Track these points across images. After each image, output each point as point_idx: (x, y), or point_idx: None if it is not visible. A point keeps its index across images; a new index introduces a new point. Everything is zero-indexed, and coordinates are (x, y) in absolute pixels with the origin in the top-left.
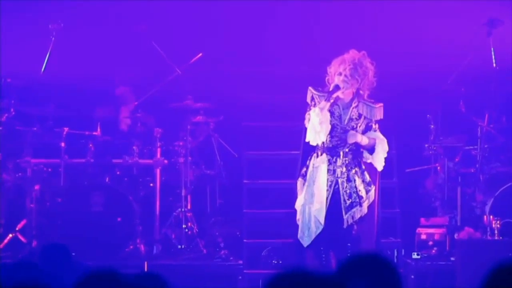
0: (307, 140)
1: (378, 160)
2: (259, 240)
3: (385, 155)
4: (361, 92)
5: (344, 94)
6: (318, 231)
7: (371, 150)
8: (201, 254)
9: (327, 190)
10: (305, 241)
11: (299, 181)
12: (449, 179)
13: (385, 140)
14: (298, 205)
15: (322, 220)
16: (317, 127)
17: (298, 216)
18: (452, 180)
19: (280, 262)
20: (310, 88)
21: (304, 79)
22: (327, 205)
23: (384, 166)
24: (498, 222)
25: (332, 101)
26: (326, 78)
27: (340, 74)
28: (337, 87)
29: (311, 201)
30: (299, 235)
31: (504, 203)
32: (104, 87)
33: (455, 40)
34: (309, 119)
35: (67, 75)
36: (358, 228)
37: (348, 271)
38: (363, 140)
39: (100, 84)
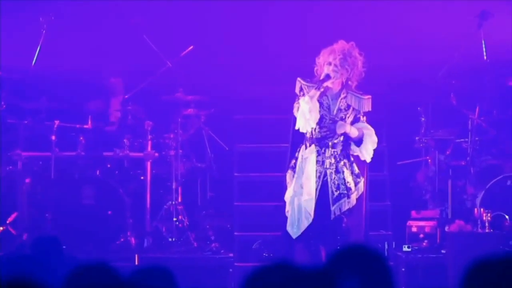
0: (296, 127)
1: (367, 152)
2: (250, 233)
3: (374, 146)
4: (350, 82)
5: (333, 84)
6: (308, 223)
7: (359, 142)
8: (191, 247)
9: (316, 181)
10: (294, 233)
11: (289, 173)
12: (440, 172)
13: (373, 131)
14: (288, 197)
15: (311, 211)
16: (306, 115)
17: (287, 208)
18: (443, 173)
19: (271, 255)
20: (298, 79)
21: (295, 71)
22: (316, 197)
23: (374, 159)
24: (488, 215)
25: (322, 90)
26: (315, 68)
27: (330, 63)
28: (327, 77)
29: (301, 192)
30: (288, 227)
31: (494, 196)
32: (95, 80)
33: (445, 32)
34: (298, 108)
35: (58, 68)
36: (347, 220)
37: (338, 264)
38: (352, 131)
39: (92, 77)
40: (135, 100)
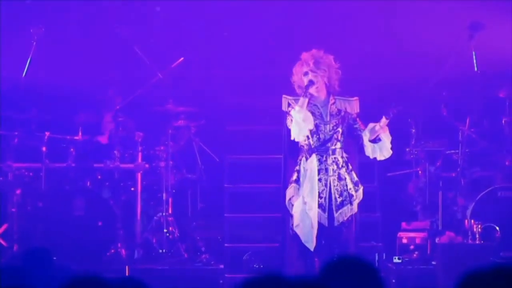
0: (292, 137)
1: (386, 147)
2: (240, 244)
3: (390, 139)
4: (332, 84)
5: (318, 92)
6: (316, 233)
7: (378, 139)
8: (182, 258)
9: (323, 189)
10: (311, 245)
11: (292, 187)
12: (430, 183)
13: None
14: (296, 211)
15: (316, 221)
16: (300, 124)
17: (297, 222)
18: (434, 184)
19: (261, 266)
20: (284, 96)
21: (286, 83)
22: (323, 206)
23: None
24: (479, 226)
25: (309, 96)
26: (296, 87)
27: (307, 73)
28: (310, 82)
29: (310, 205)
30: (304, 239)
31: (485, 207)
32: (86, 91)
33: (436, 43)
34: (291, 120)
35: (49, 79)
36: (346, 232)
37: (330, 275)
38: (377, 128)
39: (82, 88)
40: (125, 111)
